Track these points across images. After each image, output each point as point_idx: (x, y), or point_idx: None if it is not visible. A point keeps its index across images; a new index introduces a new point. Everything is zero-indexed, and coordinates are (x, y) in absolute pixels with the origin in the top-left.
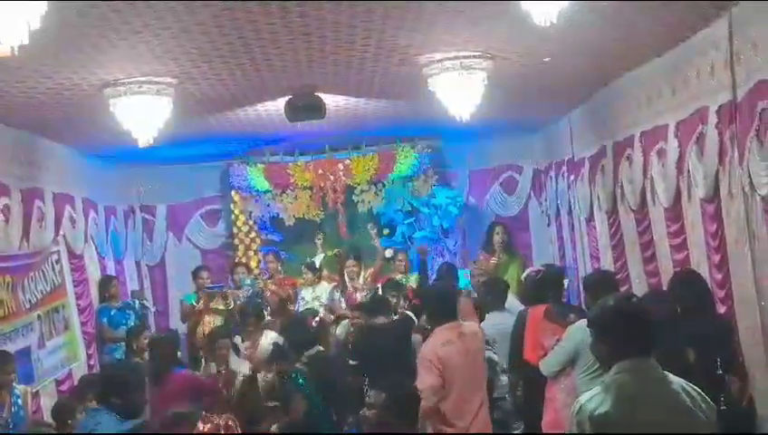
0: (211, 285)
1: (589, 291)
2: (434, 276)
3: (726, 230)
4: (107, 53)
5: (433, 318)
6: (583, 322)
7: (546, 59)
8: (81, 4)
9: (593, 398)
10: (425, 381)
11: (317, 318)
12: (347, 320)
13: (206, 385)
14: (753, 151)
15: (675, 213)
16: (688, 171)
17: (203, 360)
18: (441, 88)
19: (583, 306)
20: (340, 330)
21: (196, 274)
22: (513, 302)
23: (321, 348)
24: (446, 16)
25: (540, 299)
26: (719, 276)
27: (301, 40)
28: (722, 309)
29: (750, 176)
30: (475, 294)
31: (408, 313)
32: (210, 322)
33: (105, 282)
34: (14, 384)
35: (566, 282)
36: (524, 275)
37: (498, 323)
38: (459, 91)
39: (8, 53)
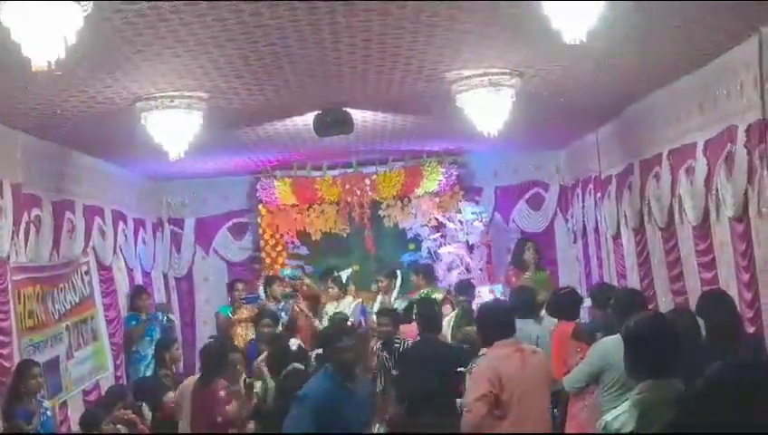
0: (246, 297)
1: (617, 310)
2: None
3: (756, 250)
4: (140, 68)
5: (488, 336)
6: (608, 339)
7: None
8: (115, 19)
9: (618, 417)
10: (474, 391)
11: (351, 320)
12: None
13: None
14: None
15: (703, 231)
16: (717, 190)
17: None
18: (469, 105)
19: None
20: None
21: (231, 286)
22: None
23: (299, 366)
24: (475, 33)
25: (567, 315)
26: (748, 296)
27: (331, 56)
28: (751, 329)
29: None
30: None
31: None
32: (242, 334)
33: (136, 293)
34: (42, 397)
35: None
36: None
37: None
38: (487, 107)
39: (44, 66)
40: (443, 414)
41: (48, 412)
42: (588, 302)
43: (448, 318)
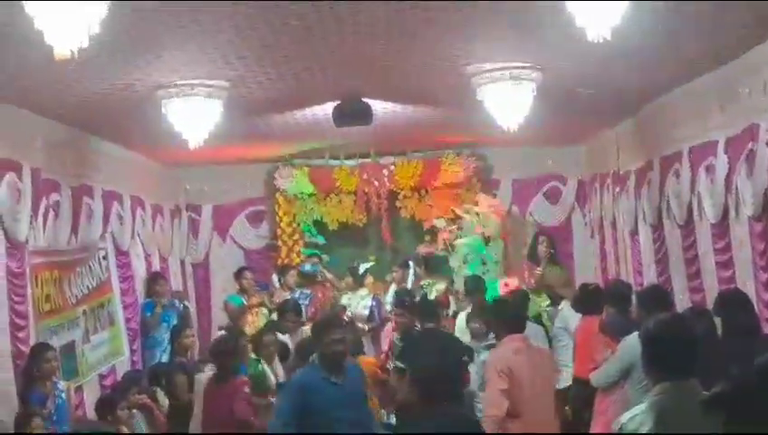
0: (258, 285)
1: (642, 306)
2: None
3: None
4: (162, 56)
5: (500, 329)
6: (635, 335)
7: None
8: (138, 7)
9: (634, 418)
10: (494, 386)
11: (348, 313)
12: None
13: None
14: None
15: (721, 230)
16: (737, 188)
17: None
18: (489, 98)
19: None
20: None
21: (239, 274)
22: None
23: None
24: (497, 27)
25: (593, 310)
26: (766, 296)
27: (351, 46)
28: (761, 327)
29: None
30: None
31: None
32: (253, 322)
33: (153, 279)
34: (57, 379)
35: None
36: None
37: None
38: (508, 101)
39: (67, 55)
40: (455, 400)
41: (63, 395)
42: None
43: (463, 314)
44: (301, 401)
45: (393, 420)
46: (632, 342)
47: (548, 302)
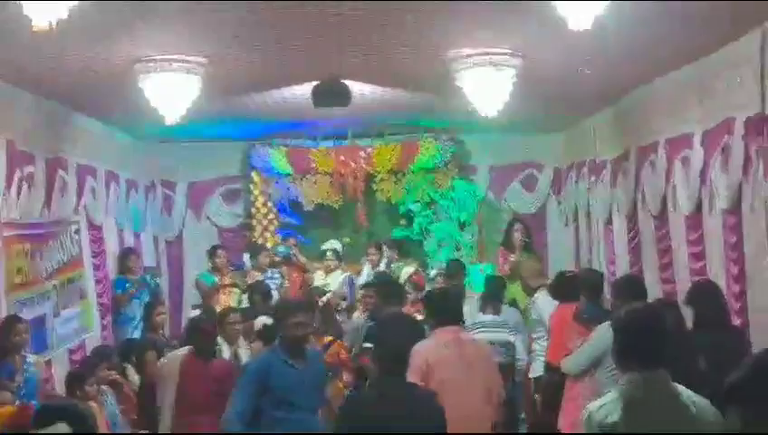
0: (232, 265)
1: (616, 295)
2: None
3: (746, 243)
4: (141, 30)
5: (434, 319)
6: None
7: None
8: None
9: (603, 407)
10: (410, 374)
11: (324, 298)
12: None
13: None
14: None
15: (695, 222)
16: (711, 181)
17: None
18: (469, 84)
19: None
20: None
21: (212, 252)
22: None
23: None
24: (479, 13)
25: (570, 297)
26: (736, 288)
27: (332, 27)
28: (737, 321)
29: None
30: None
31: None
32: (225, 301)
33: (124, 255)
34: (26, 353)
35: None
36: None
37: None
38: (487, 88)
39: (46, 27)
40: None
41: (32, 369)
42: None
43: None
44: (257, 385)
45: None
46: (604, 331)
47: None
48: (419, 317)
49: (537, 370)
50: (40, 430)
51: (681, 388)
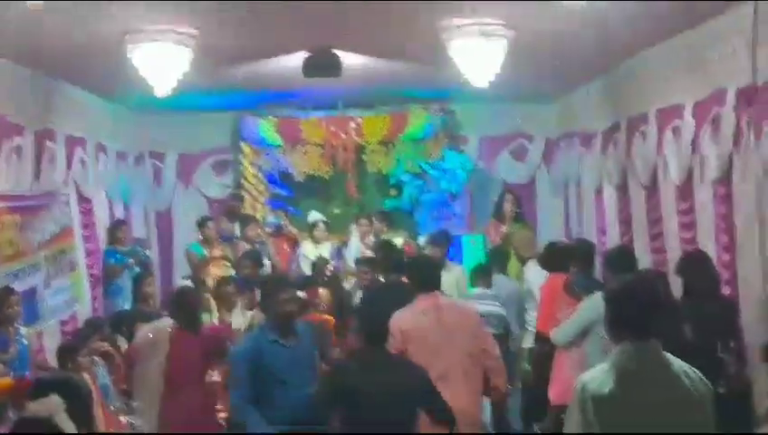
0: (222, 237)
1: (608, 267)
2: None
3: (736, 213)
4: (130, 1)
5: (414, 286)
6: (599, 295)
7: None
8: None
9: (595, 378)
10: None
11: (330, 267)
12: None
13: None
14: None
15: (685, 192)
16: (702, 152)
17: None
18: (460, 54)
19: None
20: (348, 286)
21: (203, 224)
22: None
23: None
24: None
25: (561, 268)
26: (726, 258)
27: None
28: (726, 290)
29: (764, 160)
30: None
31: None
32: (215, 272)
33: (115, 226)
34: (19, 324)
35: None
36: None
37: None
38: (479, 58)
39: (40, 7)
40: None
41: (24, 341)
42: None
43: None
44: (251, 366)
45: None
46: (593, 301)
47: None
48: None
49: (528, 340)
50: (34, 402)
51: (672, 358)
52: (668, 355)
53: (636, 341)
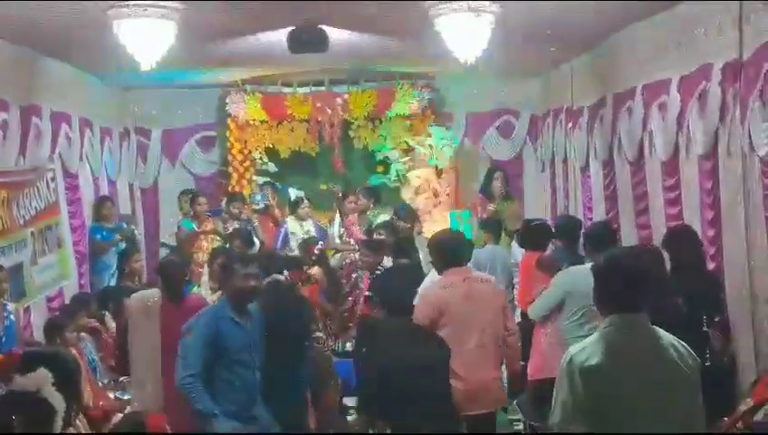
0: (211, 210)
1: (589, 243)
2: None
3: (722, 188)
4: None
5: (438, 265)
6: (573, 269)
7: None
8: None
9: (583, 350)
10: (419, 314)
11: (319, 245)
12: (340, 253)
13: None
14: (756, 112)
15: (671, 168)
16: (688, 127)
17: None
18: (447, 29)
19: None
20: (333, 263)
21: (193, 200)
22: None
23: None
24: None
25: (536, 245)
26: (711, 233)
27: None
28: (710, 265)
29: (750, 136)
30: None
31: None
32: (208, 247)
33: (100, 202)
34: (6, 300)
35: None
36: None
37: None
38: (466, 33)
39: None
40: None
41: (12, 317)
42: None
43: None
44: (206, 341)
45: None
46: (564, 276)
47: None
48: None
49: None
50: (22, 376)
51: (661, 331)
52: (656, 328)
53: (624, 313)
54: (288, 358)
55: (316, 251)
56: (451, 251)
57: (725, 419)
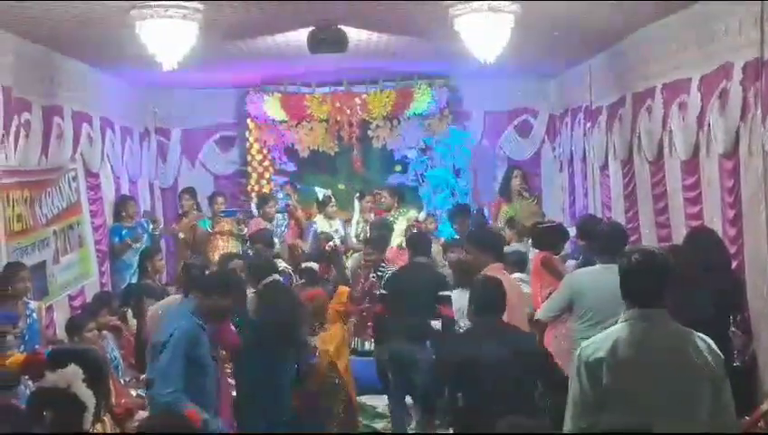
0: (224, 210)
1: (599, 242)
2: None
3: (743, 187)
4: None
5: (481, 259)
6: (582, 270)
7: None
8: None
9: (591, 344)
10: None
11: (331, 243)
12: (358, 253)
13: None
14: None
15: (691, 166)
16: (709, 126)
17: None
18: (466, 30)
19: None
20: (351, 263)
21: (211, 199)
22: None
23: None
24: None
25: (547, 246)
26: (732, 232)
27: None
28: (732, 264)
29: None
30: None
31: None
32: (224, 247)
33: (123, 202)
34: (28, 298)
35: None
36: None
37: None
38: (486, 33)
39: None
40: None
41: (34, 315)
42: (573, 232)
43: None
44: (185, 355)
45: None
46: (573, 277)
47: None
48: None
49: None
50: (52, 372)
51: (682, 328)
52: (678, 324)
53: (642, 308)
54: (275, 358)
55: (327, 248)
56: (495, 248)
57: (746, 418)
